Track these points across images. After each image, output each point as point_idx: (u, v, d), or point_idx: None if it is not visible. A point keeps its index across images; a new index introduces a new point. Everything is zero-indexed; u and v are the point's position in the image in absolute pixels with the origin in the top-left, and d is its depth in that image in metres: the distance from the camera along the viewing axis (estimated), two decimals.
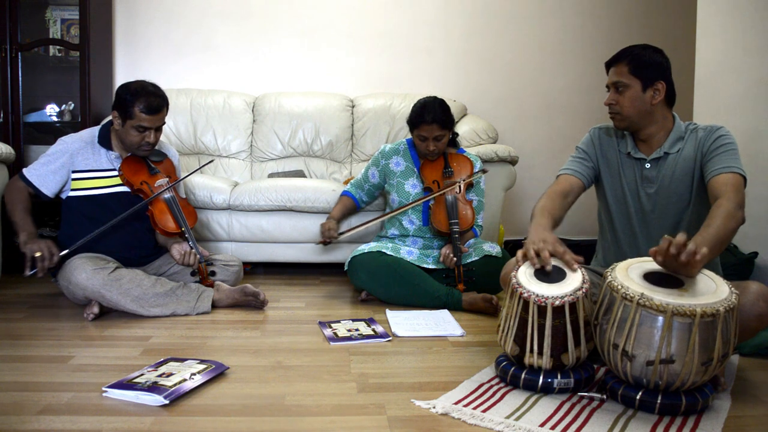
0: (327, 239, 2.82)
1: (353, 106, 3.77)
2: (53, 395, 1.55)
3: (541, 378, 1.59)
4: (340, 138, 3.68)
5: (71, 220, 2.42)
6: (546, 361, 1.59)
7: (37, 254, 2.21)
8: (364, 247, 2.64)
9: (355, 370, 1.78)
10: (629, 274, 1.54)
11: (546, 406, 1.53)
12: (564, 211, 1.95)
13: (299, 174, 3.54)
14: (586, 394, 1.59)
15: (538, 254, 1.66)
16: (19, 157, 3.18)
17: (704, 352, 1.42)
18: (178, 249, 2.44)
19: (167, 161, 2.61)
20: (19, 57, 3.29)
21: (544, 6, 4.06)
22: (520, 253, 1.72)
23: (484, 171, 2.74)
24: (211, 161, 3.19)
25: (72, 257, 2.29)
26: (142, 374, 1.64)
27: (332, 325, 2.24)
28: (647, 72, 1.89)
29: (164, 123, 2.45)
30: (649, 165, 1.94)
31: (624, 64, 1.91)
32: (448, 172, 2.70)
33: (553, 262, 1.67)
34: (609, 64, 1.97)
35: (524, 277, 1.64)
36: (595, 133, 2.08)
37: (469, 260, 2.60)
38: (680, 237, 1.45)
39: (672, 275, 1.53)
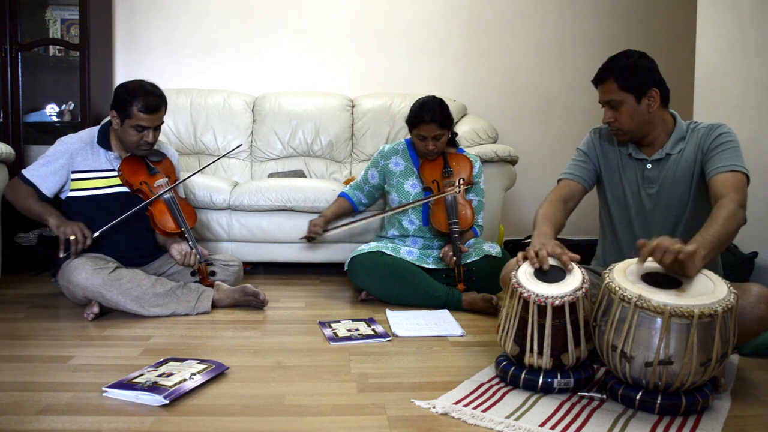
0: (311, 234, 2.85)
1: (353, 106, 3.77)
2: (53, 395, 1.55)
3: (541, 378, 1.59)
4: (340, 138, 3.68)
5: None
6: (546, 361, 1.59)
7: (72, 237, 2.24)
8: (364, 247, 2.64)
9: (355, 370, 1.78)
10: (627, 276, 1.54)
11: (546, 406, 1.53)
12: (565, 217, 1.95)
13: (299, 174, 3.54)
14: (586, 394, 1.59)
15: (537, 254, 1.67)
16: (19, 157, 3.18)
17: (703, 353, 1.42)
18: (177, 249, 2.45)
19: (166, 161, 2.61)
20: (19, 57, 3.29)
21: (544, 6, 4.05)
22: (520, 253, 1.73)
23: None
24: (239, 146, 3.43)
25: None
26: (142, 374, 1.65)
27: (332, 325, 2.24)
28: (637, 83, 1.84)
29: (163, 122, 2.45)
30: (651, 166, 1.93)
31: (611, 81, 1.86)
32: (447, 172, 2.70)
33: (553, 262, 1.68)
34: (596, 82, 1.92)
35: (524, 276, 1.64)
36: (596, 133, 2.08)
37: (469, 260, 2.60)
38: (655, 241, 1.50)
39: (670, 276, 1.53)
